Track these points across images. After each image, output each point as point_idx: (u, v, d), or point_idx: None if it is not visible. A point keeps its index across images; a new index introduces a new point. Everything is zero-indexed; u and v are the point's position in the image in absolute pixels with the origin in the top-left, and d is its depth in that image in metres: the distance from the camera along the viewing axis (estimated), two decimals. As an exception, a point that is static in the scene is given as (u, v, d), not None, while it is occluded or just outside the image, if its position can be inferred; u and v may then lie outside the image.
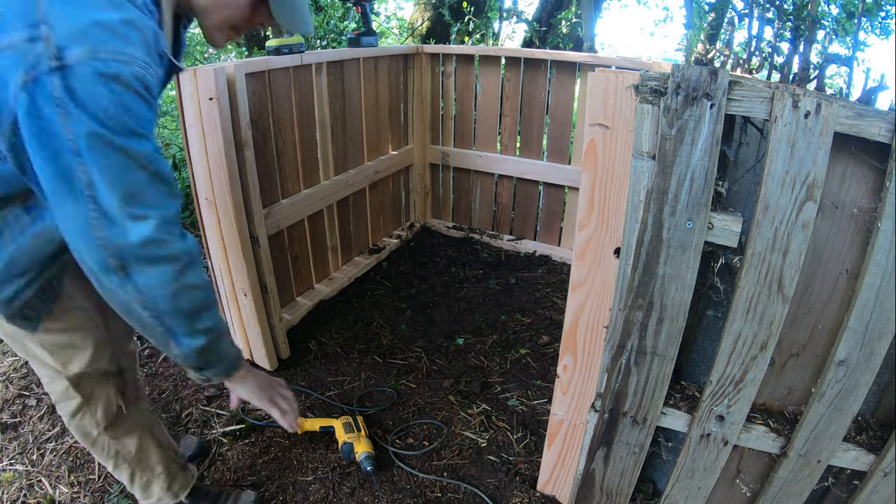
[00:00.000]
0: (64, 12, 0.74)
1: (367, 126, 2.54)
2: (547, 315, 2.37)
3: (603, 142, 1.00)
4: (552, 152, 2.73)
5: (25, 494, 1.52)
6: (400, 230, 3.03)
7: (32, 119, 0.75)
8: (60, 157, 0.76)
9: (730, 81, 0.85)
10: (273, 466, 1.59)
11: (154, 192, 0.84)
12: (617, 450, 1.24)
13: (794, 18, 3.46)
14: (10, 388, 1.90)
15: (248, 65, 1.74)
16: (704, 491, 1.22)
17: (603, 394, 1.17)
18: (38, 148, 0.77)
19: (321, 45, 4.15)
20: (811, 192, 0.87)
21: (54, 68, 0.73)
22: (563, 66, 2.54)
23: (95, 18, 0.75)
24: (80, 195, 0.79)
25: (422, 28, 4.86)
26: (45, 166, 0.77)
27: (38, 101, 0.74)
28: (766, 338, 0.99)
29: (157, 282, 0.87)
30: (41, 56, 0.73)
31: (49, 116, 0.74)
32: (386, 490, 1.51)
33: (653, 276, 1.01)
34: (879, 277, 0.89)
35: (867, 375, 0.97)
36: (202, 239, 1.86)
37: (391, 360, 2.08)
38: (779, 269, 0.93)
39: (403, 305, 2.44)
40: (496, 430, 1.74)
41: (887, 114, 0.82)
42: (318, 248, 2.39)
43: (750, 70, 3.67)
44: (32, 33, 0.73)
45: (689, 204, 0.93)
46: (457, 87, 2.85)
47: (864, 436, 1.08)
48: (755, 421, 1.12)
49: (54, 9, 0.74)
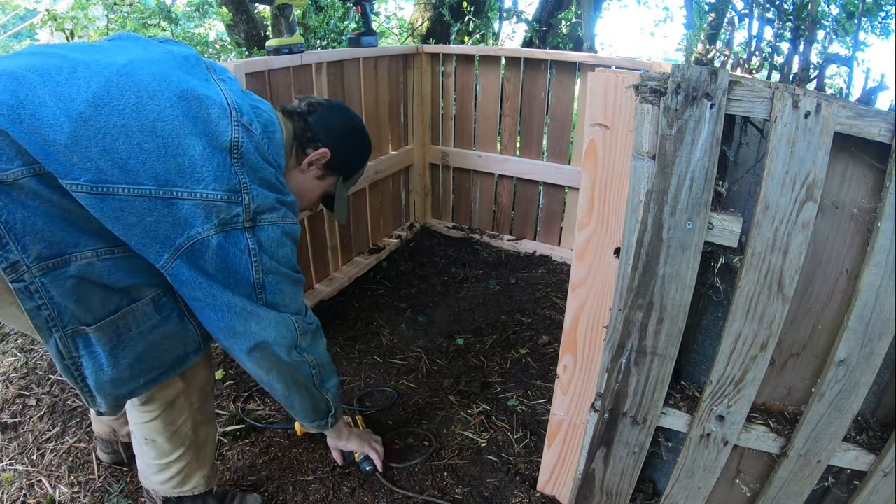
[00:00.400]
0: (260, 190, 1.02)
1: (367, 126, 2.52)
2: (547, 315, 2.37)
3: (603, 142, 1.00)
4: (552, 152, 2.73)
5: (25, 494, 1.52)
6: (400, 230, 3.03)
7: (219, 257, 0.99)
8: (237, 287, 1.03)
9: (730, 81, 0.85)
10: (273, 466, 1.59)
11: (301, 295, 1.18)
12: (617, 450, 1.24)
13: (794, 18, 3.46)
14: (10, 388, 1.90)
15: (248, 65, 1.74)
16: (704, 491, 1.22)
17: (603, 394, 1.17)
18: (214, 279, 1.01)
19: (321, 45, 4.15)
20: (811, 192, 0.87)
21: (248, 227, 1.01)
22: (563, 66, 2.54)
23: (281, 198, 1.07)
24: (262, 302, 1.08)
25: (422, 28, 4.85)
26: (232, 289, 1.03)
27: (230, 247, 1.00)
28: (766, 338, 0.99)
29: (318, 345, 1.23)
30: (238, 216, 0.99)
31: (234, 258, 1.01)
32: (386, 490, 1.51)
33: (653, 276, 1.01)
34: (879, 277, 0.89)
35: (867, 375, 0.97)
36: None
37: (391, 360, 2.08)
38: (779, 269, 0.93)
39: (403, 305, 2.43)
40: (496, 430, 1.74)
41: (887, 114, 0.82)
42: (318, 247, 2.39)
43: (750, 70, 3.67)
44: (232, 197, 0.98)
45: (689, 204, 0.93)
46: (457, 87, 2.85)
47: (864, 436, 1.08)
48: (755, 421, 1.12)
49: (254, 186, 1.01)
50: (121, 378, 1.03)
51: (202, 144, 0.95)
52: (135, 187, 0.92)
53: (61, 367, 1.00)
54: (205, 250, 0.98)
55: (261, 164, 1.03)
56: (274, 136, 1.11)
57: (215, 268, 1.00)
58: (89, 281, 0.95)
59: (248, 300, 1.05)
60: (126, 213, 0.92)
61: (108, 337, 0.99)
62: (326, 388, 1.30)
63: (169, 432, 1.22)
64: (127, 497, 1.48)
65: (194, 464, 1.30)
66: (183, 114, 0.95)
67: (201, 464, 1.32)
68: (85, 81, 0.91)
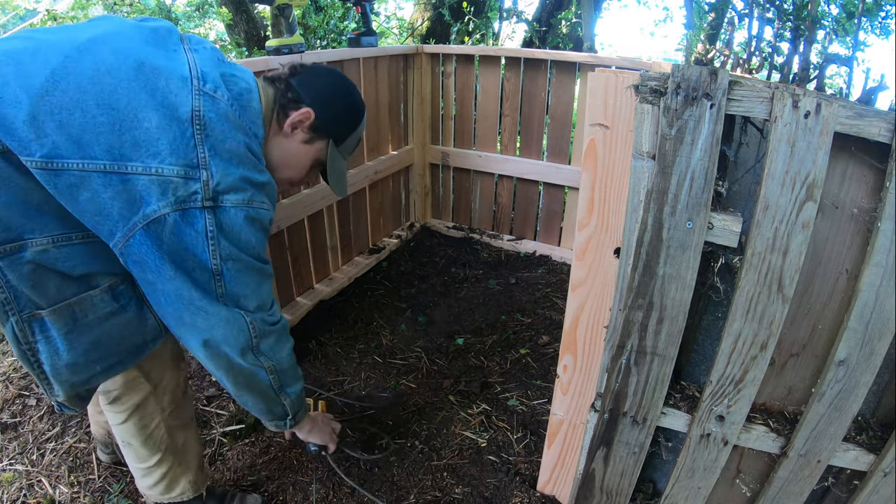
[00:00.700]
0: (224, 165, 0.94)
1: (367, 126, 2.53)
2: (547, 315, 2.37)
3: (603, 142, 1.00)
4: (552, 152, 2.73)
5: (25, 494, 1.52)
6: (400, 230, 3.03)
7: (174, 237, 0.92)
8: (193, 273, 0.96)
9: (730, 81, 0.85)
10: (273, 466, 1.59)
11: (266, 289, 1.09)
12: (617, 450, 1.24)
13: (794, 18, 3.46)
14: (10, 388, 1.90)
15: (248, 65, 1.74)
16: (704, 491, 1.22)
17: (603, 394, 1.17)
18: (167, 261, 0.94)
19: (321, 45, 4.14)
20: (811, 192, 0.87)
21: (208, 207, 0.92)
22: (563, 66, 2.54)
23: (248, 176, 0.98)
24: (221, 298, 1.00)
25: (422, 28, 4.85)
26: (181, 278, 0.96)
27: (185, 228, 0.92)
28: (766, 338, 0.99)
29: (278, 348, 1.13)
30: (196, 194, 0.91)
31: (189, 241, 0.93)
32: (386, 490, 1.51)
33: (653, 276, 1.01)
34: (879, 277, 0.89)
35: (867, 375, 0.97)
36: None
37: (391, 360, 2.08)
38: (779, 269, 0.93)
39: (403, 305, 2.43)
40: (496, 430, 1.74)
41: (887, 114, 0.82)
42: (318, 248, 2.38)
43: (750, 70, 3.67)
44: (189, 173, 0.91)
45: (689, 204, 0.93)
46: (457, 87, 2.85)
47: (864, 436, 1.08)
48: (755, 421, 1.12)
49: (214, 160, 0.93)
50: (77, 363, 1.01)
51: (159, 116, 0.90)
52: (89, 162, 0.88)
53: (18, 353, 0.99)
54: (160, 230, 0.92)
55: (228, 133, 0.96)
56: (250, 105, 1.04)
57: (170, 249, 0.93)
58: (45, 268, 0.94)
59: (200, 291, 0.98)
60: (81, 189, 0.89)
61: (63, 321, 0.98)
62: (286, 393, 1.21)
63: (143, 436, 1.22)
64: (127, 497, 1.48)
65: (178, 469, 1.29)
66: (140, 86, 0.91)
67: (185, 469, 1.31)
68: (45, 59, 0.90)
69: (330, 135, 1.21)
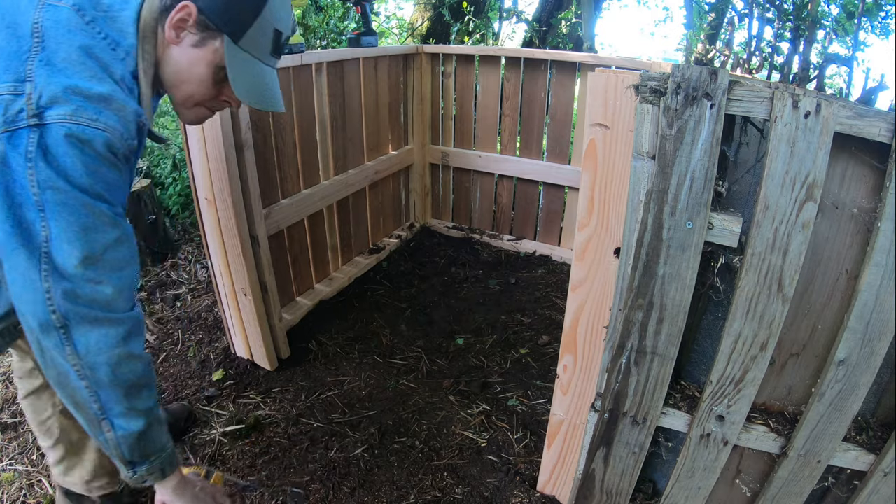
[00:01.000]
0: (49, 74, 0.80)
1: (367, 126, 2.54)
2: (547, 315, 2.37)
3: (603, 142, 1.00)
4: (552, 152, 2.73)
5: (25, 494, 1.52)
6: (400, 230, 3.03)
7: (3, 165, 0.79)
8: (21, 209, 0.80)
9: (730, 81, 0.85)
10: (273, 466, 1.59)
11: (113, 257, 0.86)
12: (617, 450, 1.24)
13: (794, 18, 3.46)
14: (10, 388, 1.90)
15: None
16: (704, 491, 1.22)
17: (603, 394, 1.17)
18: None
19: (321, 45, 4.15)
20: (811, 192, 0.87)
21: (33, 125, 0.78)
22: (563, 66, 2.54)
23: (76, 85, 0.82)
24: (35, 249, 0.81)
25: (422, 28, 4.86)
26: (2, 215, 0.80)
27: (10, 151, 0.78)
28: (766, 338, 0.99)
29: (98, 345, 0.85)
30: (22, 111, 0.78)
31: (17, 168, 0.78)
32: (386, 490, 1.51)
33: (653, 276, 1.01)
34: (879, 277, 0.89)
35: (867, 375, 0.97)
36: (202, 239, 1.86)
37: (391, 359, 2.08)
38: (779, 269, 0.93)
39: (403, 305, 2.43)
40: (496, 430, 1.74)
41: (887, 114, 0.82)
42: (318, 247, 2.39)
43: (750, 70, 3.67)
44: (18, 88, 0.79)
45: (689, 204, 0.93)
46: (457, 87, 2.86)
47: (864, 436, 1.08)
48: (755, 421, 1.12)
49: (40, 70, 0.80)
50: None
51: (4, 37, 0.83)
52: None
53: None
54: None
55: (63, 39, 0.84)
56: (121, 14, 0.91)
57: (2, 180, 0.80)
58: None
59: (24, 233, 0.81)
60: None
61: None
62: (112, 423, 0.90)
63: (36, 422, 1.23)
64: (127, 496, 1.48)
65: (73, 458, 1.29)
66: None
67: (78, 463, 1.30)
68: None
69: (223, 29, 0.98)
